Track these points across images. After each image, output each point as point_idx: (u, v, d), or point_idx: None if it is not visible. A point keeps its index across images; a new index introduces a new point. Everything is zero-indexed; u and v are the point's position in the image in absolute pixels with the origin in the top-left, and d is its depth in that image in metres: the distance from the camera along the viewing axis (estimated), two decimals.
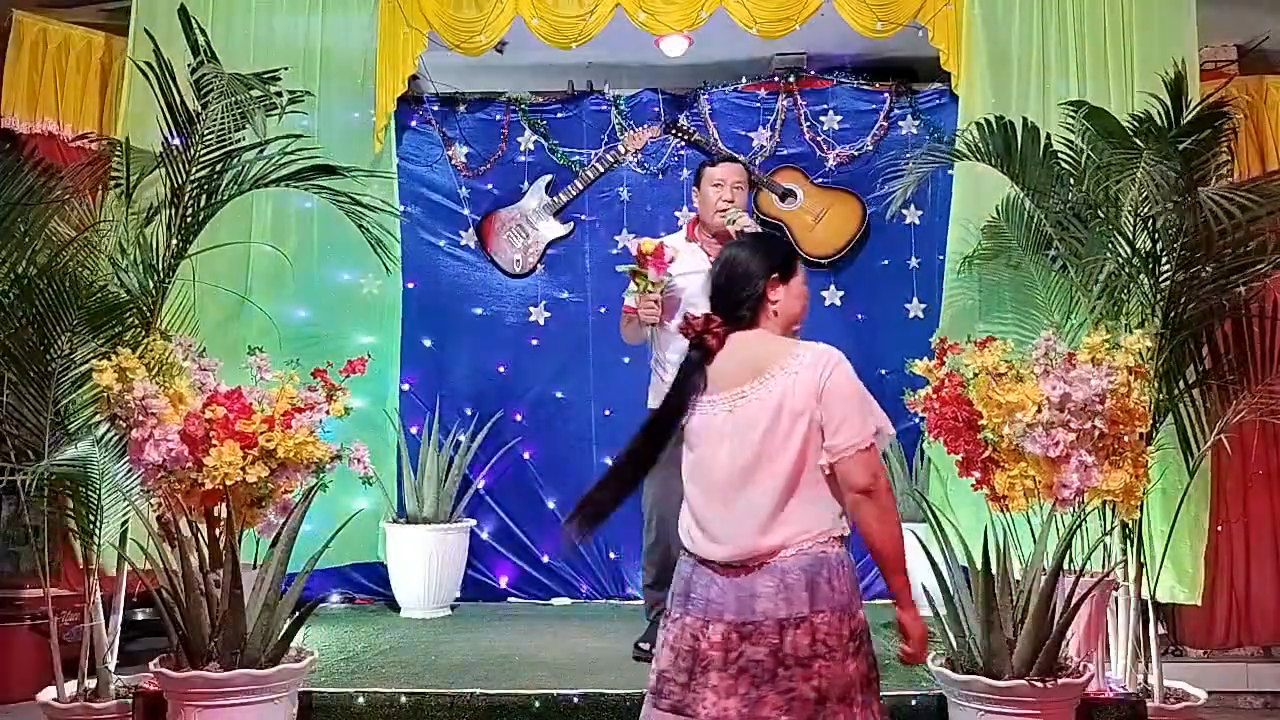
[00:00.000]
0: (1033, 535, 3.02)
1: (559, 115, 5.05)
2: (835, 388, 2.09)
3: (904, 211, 4.79)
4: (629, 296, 3.55)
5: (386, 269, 3.85)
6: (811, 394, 2.08)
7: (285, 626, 2.96)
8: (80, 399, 3.22)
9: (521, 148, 5.04)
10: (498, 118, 5.05)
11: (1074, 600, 2.87)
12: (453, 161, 5.02)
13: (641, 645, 3.71)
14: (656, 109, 5.00)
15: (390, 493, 4.49)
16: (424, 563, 4.47)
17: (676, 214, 4.97)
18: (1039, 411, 2.87)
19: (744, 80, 5.03)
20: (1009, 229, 3.84)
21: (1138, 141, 3.30)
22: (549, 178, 5.00)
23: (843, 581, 2.10)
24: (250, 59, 4.07)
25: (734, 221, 3.45)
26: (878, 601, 4.76)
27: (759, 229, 3.67)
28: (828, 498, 2.12)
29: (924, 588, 3.01)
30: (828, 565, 2.08)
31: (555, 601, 4.86)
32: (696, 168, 3.73)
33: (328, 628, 4.18)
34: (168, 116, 3.44)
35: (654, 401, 3.86)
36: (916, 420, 3.98)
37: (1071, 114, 3.51)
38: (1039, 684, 2.77)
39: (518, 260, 4.98)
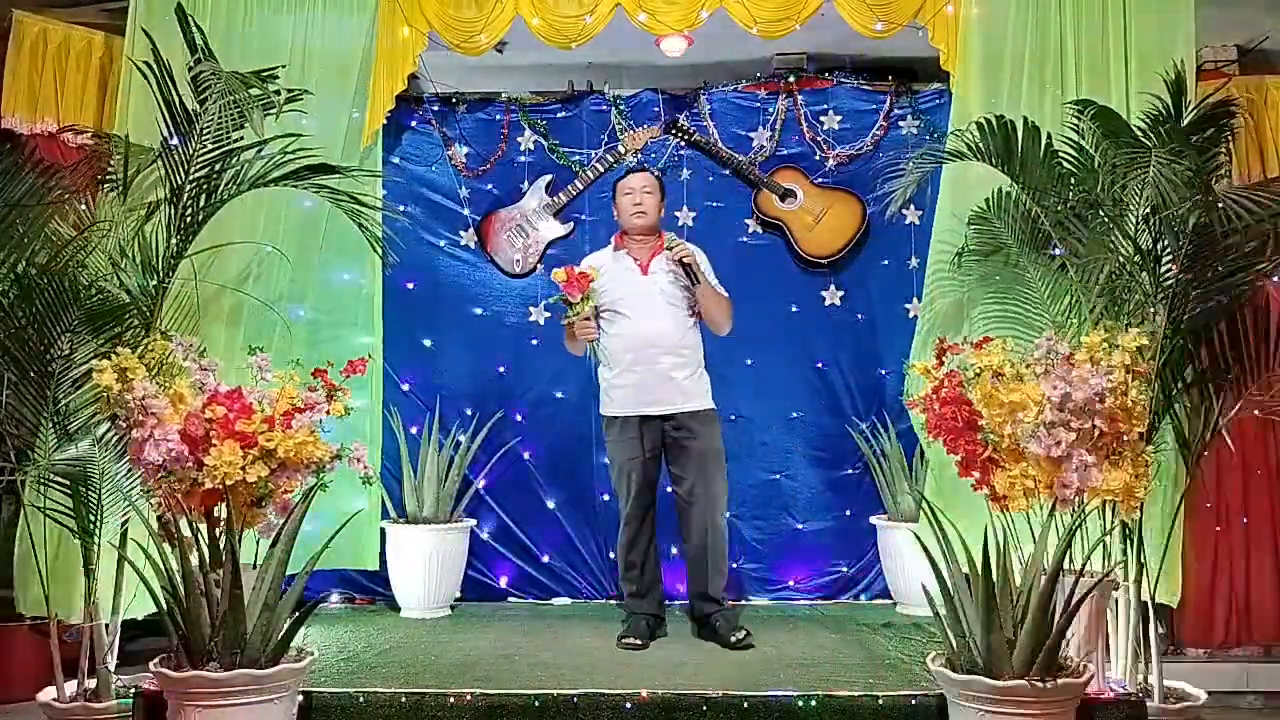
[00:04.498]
0: (1033, 535, 3.01)
1: (559, 115, 5.05)
2: None
3: (904, 211, 4.80)
4: (564, 319, 3.91)
5: (387, 267, 3.86)
6: None
7: (285, 626, 2.96)
8: (80, 399, 3.22)
9: (521, 148, 5.04)
10: (498, 118, 5.05)
11: (1074, 600, 2.87)
12: (453, 161, 5.02)
13: (625, 639, 3.83)
14: (656, 109, 5.00)
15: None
16: (424, 563, 4.47)
17: (676, 214, 4.97)
18: (1040, 412, 2.87)
19: (744, 80, 5.03)
20: (1000, 223, 3.82)
21: (1144, 141, 3.30)
22: (549, 178, 5.00)
23: None
24: (249, 58, 4.06)
25: (670, 248, 3.89)
26: (876, 602, 4.79)
27: (692, 254, 3.89)
28: None
29: (924, 587, 3.01)
30: None
31: (555, 601, 4.86)
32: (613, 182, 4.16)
33: (328, 628, 4.19)
34: (166, 116, 3.44)
35: (611, 409, 3.99)
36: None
37: (1077, 114, 3.51)
38: (1039, 684, 2.77)
39: (518, 260, 4.98)
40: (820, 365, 4.95)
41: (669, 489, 4.05)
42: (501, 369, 4.99)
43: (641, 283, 3.94)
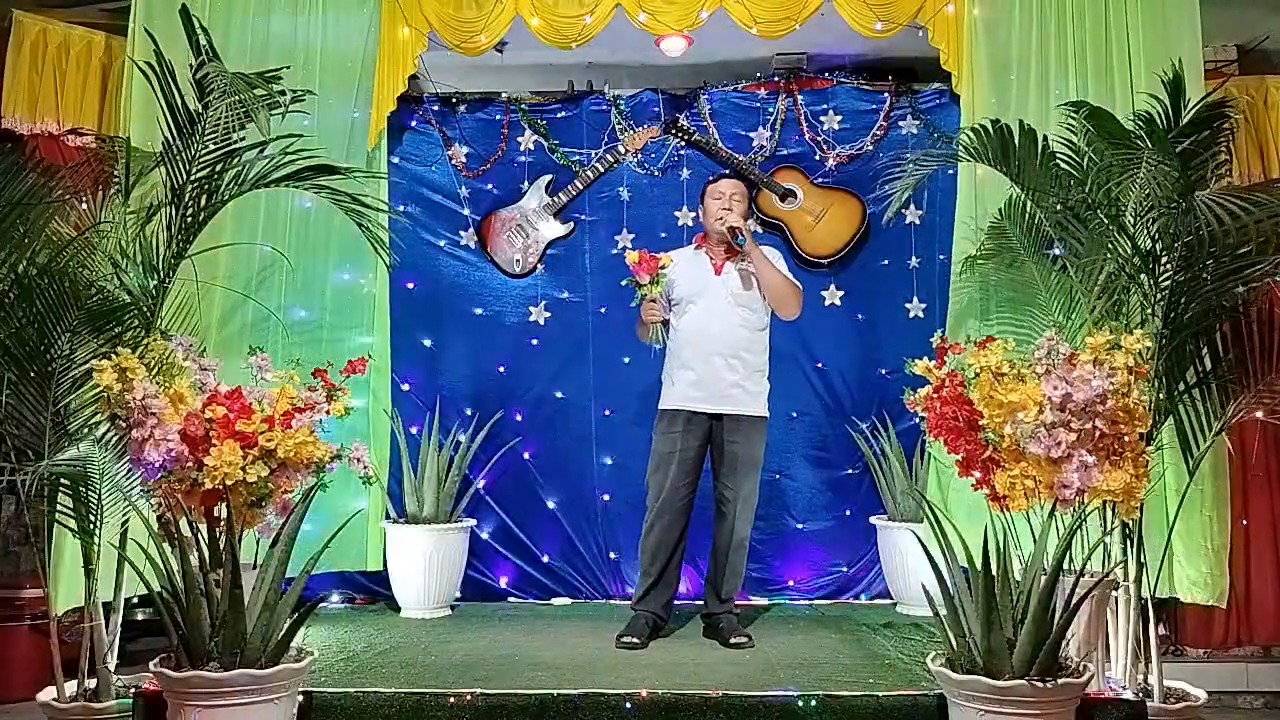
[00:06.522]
0: (1033, 535, 3.01)
1: (559, 115, 5.05)
2: None
3: (904, 211, 4.80)
4: (634, 301, 3.88)
5: (388, 267, 3.87)
6: None
7: (285, 626, 2.96)
8: (80, 399, 3.22)
9: (521, 148, 5.04)
10: (498, 118, 5.05)
11: (1074, 600, 2.87)
12: (453, 161, 5.02)
13: (624, 639, 3.81)
14: (656, 109, 5.00)
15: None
16: (424, 563, 4.46)
17: (676, 214, 4.98)
18: (1041, 412, 2.87)
19: (744, 80, 5.03)
20: (1011, 229, 3.85)
21: (1139, 142, 3.30)
22: (549, 178, 5.00)
23: None
24: (249, 59, 4.08)
25: (722, 219, 3.93)
26: (877, 602, 4.79)
27: (743, 228, 3.91)
28: None
29: (924, 588, 3.01)
30: None
31: (555, 601, 4.86)
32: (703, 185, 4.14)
33: (328, 628, 4.19)
34: (168, 116, 3.44)
35: (664, 402, 3.98)
36: (917, 420, 3.98)
37: (1072, 114, 3.51)
38: (1039, 684, 2.77)
39: (518, 260, 4.98)
40: (820, 365, 4.95)
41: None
42: (501, 369, 4.99)
43: (712, 281, 3.95)
